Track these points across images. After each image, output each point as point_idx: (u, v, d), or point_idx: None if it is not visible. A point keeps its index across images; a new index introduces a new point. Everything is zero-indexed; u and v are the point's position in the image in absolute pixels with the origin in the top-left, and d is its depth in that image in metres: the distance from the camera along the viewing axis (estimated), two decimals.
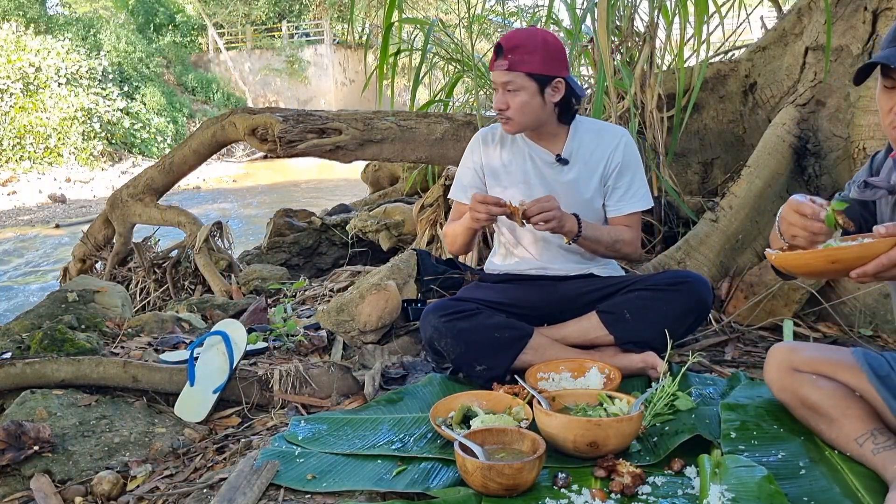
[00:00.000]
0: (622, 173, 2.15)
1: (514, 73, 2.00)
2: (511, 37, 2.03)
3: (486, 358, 2.06)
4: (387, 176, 5.68)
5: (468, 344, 2.05)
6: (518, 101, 2.03)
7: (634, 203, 2.17)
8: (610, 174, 2.16)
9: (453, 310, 2.08)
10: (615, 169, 2.15)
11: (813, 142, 2.98)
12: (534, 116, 2.07)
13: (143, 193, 4.17)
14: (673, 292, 2.09)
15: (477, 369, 2.07)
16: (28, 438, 1.88)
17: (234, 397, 2.20)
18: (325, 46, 23.49)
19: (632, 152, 2.17)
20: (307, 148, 3.53)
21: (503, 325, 2.07)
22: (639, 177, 2.18)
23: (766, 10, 4.75)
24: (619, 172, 2.15)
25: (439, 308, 2.11)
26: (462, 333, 2.05)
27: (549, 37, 2.07)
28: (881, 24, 2.83)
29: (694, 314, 2.12)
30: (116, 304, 3.06)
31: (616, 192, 2.17)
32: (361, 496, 1.57)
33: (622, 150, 2.14)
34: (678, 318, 2.09)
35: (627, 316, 2.10)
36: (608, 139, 2.16)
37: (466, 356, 2.07)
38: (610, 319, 2.13)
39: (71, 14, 21.78)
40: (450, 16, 10.79)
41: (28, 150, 16.36)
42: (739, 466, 1.47)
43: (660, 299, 2.08)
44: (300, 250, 4.45)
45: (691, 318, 2.13)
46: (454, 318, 2.06)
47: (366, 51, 6.24)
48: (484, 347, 2.05)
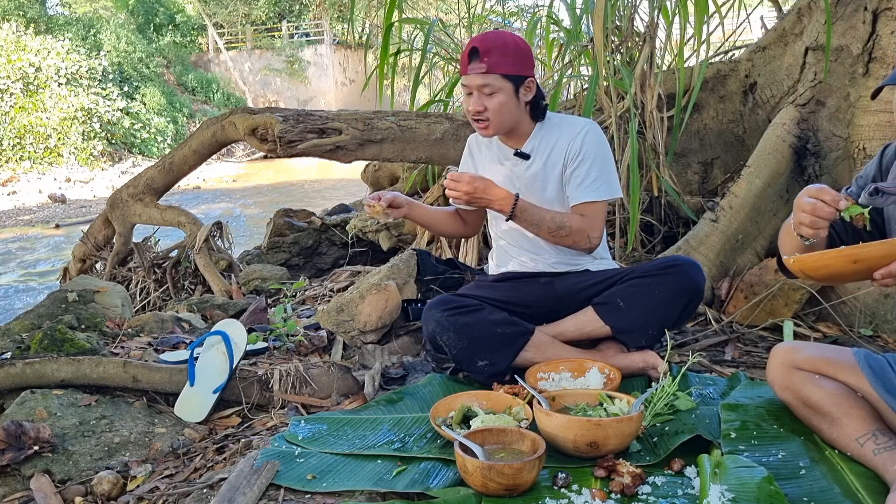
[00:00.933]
0: (580, 163, 2.12)
1: (492, 75, 2.01)
2: (483, 39, 2.03)
3: (488, 353, 2.06)
4: (387, 176, 5.68)
5: (470, 339, 2.05)
6: (496, 103, 2.03)
7: (590, 193, 2.12)
8: (568, 164, 2.15)
9: (456, 304, 2.09)
10: (573, 158, 2.13)
11: (813, 142, 2.98)
12: (511, 117, 2.08)
13: (143, 193, 4.17)
14: (664, 276, 2.10)
15: (478, 364, 2.07)
16: (28, 438, 1.88)
17: (234, 397, 2.20)
18: (325, 46, 23.50)
19: (593, 141, 2.13)
20: (307, 148, 3.52)
21: (505, 322, 2.08)
22: (598, 166, 2.12)
23: (766, 10, 4.76)
24: (577, 162, 2.13)
25: (442, 303, 2.11)
26: (465, 328, 2.05)
27: (516, 38, 2.08)
28: (881, 24, 2.83)
29: (686, 296, 2.11)
30: (116, 304, 3.06)
31: (573, 182, 2.14)
32: (361, 496, 1.57)
33: (581, 139, 2.11)
34: (671, 302, 2.09)
35: (621, 304, 2.10)
36: (569, 131, 2.15)
37: (468, 351, 2.07)
38: (605, 310, 2.13)
39: (71, 14, 21.79)
40: (450, 16, 10.78)
41: (28, 150, 16.37)
42: (739, 467, 1.47)
43: (651, 284, 2.09)
44: (300, 250, 4.45)
45: (684, 300, 2.11)
46: (457, 313, 2.07)
47: (366, 51, 6.25)
48: (486, 342, 2.06)
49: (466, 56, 2.02)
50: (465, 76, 2.05)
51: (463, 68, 2.04)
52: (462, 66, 2.05)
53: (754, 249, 2.89)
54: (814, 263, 1.33)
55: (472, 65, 2.01)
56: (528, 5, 8.39)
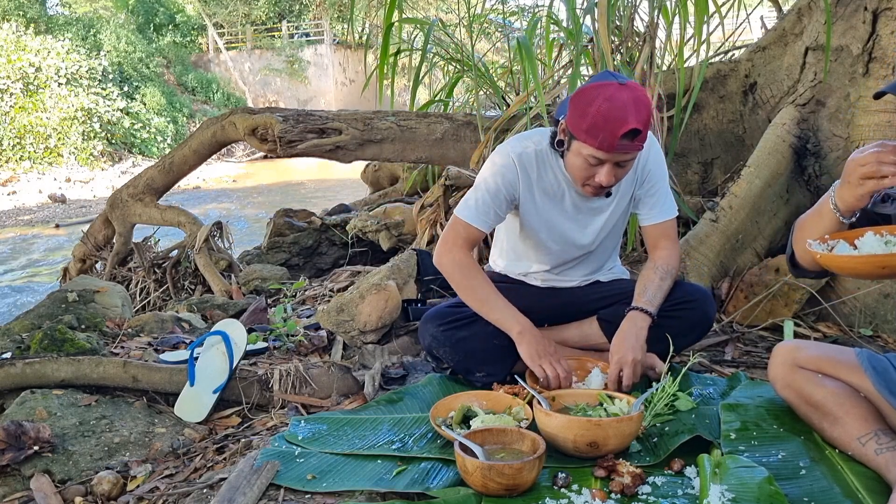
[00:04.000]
0: (654, 183, 2.08)
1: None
2: (639, 116, 1.77)
3: (485, 365, 2.06)
4: (387, 176, 5.68)
5: (467, 352, 2.05)
6: (624, 171, 1.91)
7: (669, 210, 2.11)
8: (638, 186, 2.09)
9: (451, 318, 2.07)
10: (645, 180, 2.08)
11: (813, 142, 2.98)
12: None
13: (143, 193, 4.17)
14: (679, 310, 2.06)
15: (476, 375, 2.08)
16: (28, 438, 1.88)
17: (234, 397, 2.20)
18: (325, 46, 23.49)
19: (657, 156, 2.10)
20: (307, 148, 3.53)
21: (502, 332, 2.04)
22: (665, 181, 2.11)
23: (766, 10, 4.76)
24: (651, 183, 2.08)
25: (437, 316, 2.09)
26: (460, 342, 2.04)
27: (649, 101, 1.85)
28: (881, 24, 2.83)
29: (698, 330, 2.11)
30: (116, 304, 3.06)
31: (648, 202, 2.10)
32: (361, 496, 1.57)
33: (646, 158, 2.05)
34: (682, 335, 2.05)
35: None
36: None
37: (465, 364, 2.07)
38: (610, 329, 2.08)
39: (71, 14, 21.79)
40: (450, 16, 10.79)
41: (28, 150, 16.36)
42: (739, 467, 1.47)
43: (664, 317, 2.03)
44: (300, 250, 4.44)
45: (696, 333, 2.11)
46: (452, 327, 2.05)
47: (366, 51, 6.26)
48: (482, 355, 2.05)
49: (621, 135, 1.77)
50: (609, 153, 1.82)
51: (610, 144, 1.79)
52: (608, 141, 1.78)
53: (754, 249, 2.89)
54: (843, 264, 1.33)
55: (627, 143, 1.80)
56: (528, 5, 8.40)
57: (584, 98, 1.81)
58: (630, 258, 3.00)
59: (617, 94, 1.78)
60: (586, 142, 1.82)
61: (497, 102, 4.00)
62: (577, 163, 1.90)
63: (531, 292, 2.20)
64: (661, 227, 2.12)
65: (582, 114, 1.81)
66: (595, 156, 1.84)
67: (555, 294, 2.20)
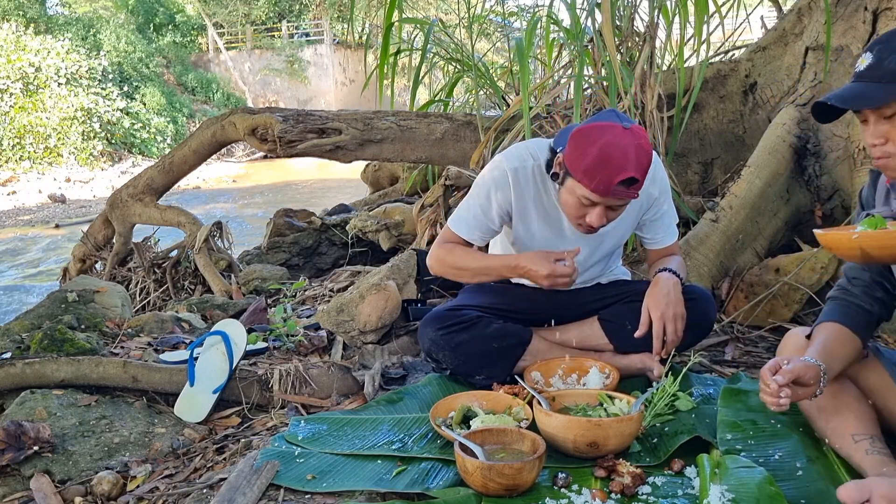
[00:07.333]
0: (661, 206, 2.09)
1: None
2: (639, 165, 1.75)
3: (485, 368, 2.06)
4: (387, 176, 5.68)
5: (466, 356, 2.05)
6: (616, 215, 1.90)
7: (672, 232, 2.15)
8: (644, 210, 2.08)
9: (450, 322, 2.06)
10: (651, 204, 2.07)
11: (813, 142, 2.98)
12: None
13: (142, 193, 4.17)
14: None
15: (476, 378, 2.08)
16: (28, 438, 1.88)
17: (234, 397, 2.20)
18: (325, 46, 23.49)
19: (662, 176, 2.09)
20: (307, 148, 3.53)
21: (501, 334, 2.05)
22: (670, 199, 2.11)
23: (766, 10, 4.76)
24: (658, 206, 2.08)
25: (436, 320, 2.08)
26: (460, 346, 2.04)
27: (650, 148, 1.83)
28: (881, 24, 2.83)
29: (698, 330, 2.11)
30: (116, 304, 3.06)
31: (655, 225, 2.11)
32: (361, 496, 1.57)
33: (650, 181, 1.99)
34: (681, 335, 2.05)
35: (629, 327, 2.05)
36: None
37: (465, 367, 2.07)
38: (611, 329, 2.10)
39: (71, 14, 21.79)
40: (450, 16, 10.79)
41: (28, 150, 16.36)
42: (739, 467, 1.47)
43: None
44: (300, 250, 4.44)
45: (696, 334, 2.11)
46: (452, 331, 2.05)
47: (366, 51, 6.25)
48: (482, 358, 2.05)
49: (618, 182, 1.75)
50: (603, 197, 1.80)
51: (605, 189, 1.76)
52: (604, 185, 1.76)
53: (754, 249, 2.89)
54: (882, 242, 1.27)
55: (623, 190, 1.77)
56: (528, 5, 8.40)
57: (586, 137, 1.78)
58: (630, 258, 3.00)
59: (620, 138, 1.74)
60: (581, 181, 1.79)
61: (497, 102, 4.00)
62: (570, 201, 1.88)
63: (531, 293, 2.20)
64: (665, 249, 2.16)
65: (582, 153, 1.77)
66: (589, 197, 1.81)
67: (555, 295, 2.20)
